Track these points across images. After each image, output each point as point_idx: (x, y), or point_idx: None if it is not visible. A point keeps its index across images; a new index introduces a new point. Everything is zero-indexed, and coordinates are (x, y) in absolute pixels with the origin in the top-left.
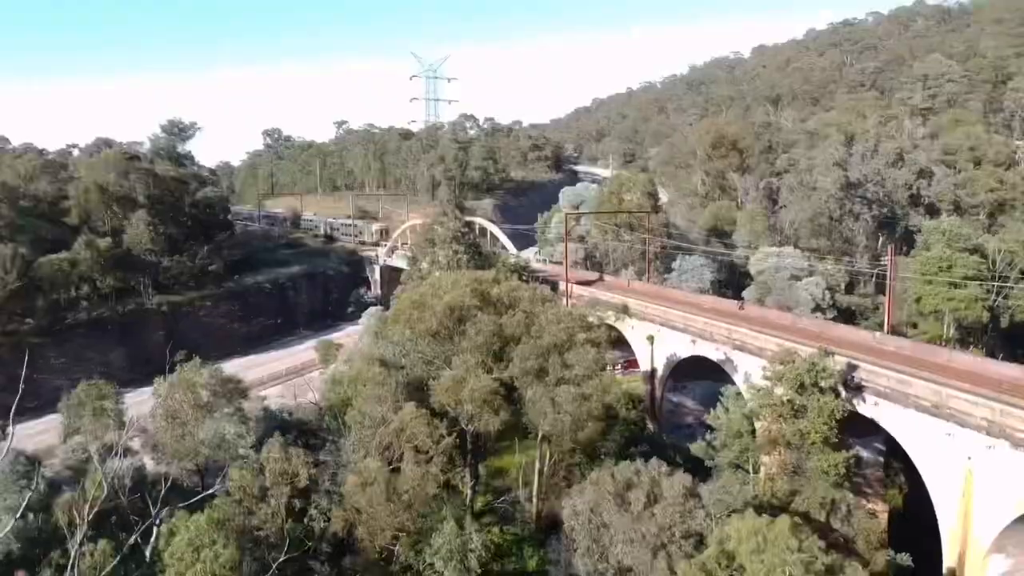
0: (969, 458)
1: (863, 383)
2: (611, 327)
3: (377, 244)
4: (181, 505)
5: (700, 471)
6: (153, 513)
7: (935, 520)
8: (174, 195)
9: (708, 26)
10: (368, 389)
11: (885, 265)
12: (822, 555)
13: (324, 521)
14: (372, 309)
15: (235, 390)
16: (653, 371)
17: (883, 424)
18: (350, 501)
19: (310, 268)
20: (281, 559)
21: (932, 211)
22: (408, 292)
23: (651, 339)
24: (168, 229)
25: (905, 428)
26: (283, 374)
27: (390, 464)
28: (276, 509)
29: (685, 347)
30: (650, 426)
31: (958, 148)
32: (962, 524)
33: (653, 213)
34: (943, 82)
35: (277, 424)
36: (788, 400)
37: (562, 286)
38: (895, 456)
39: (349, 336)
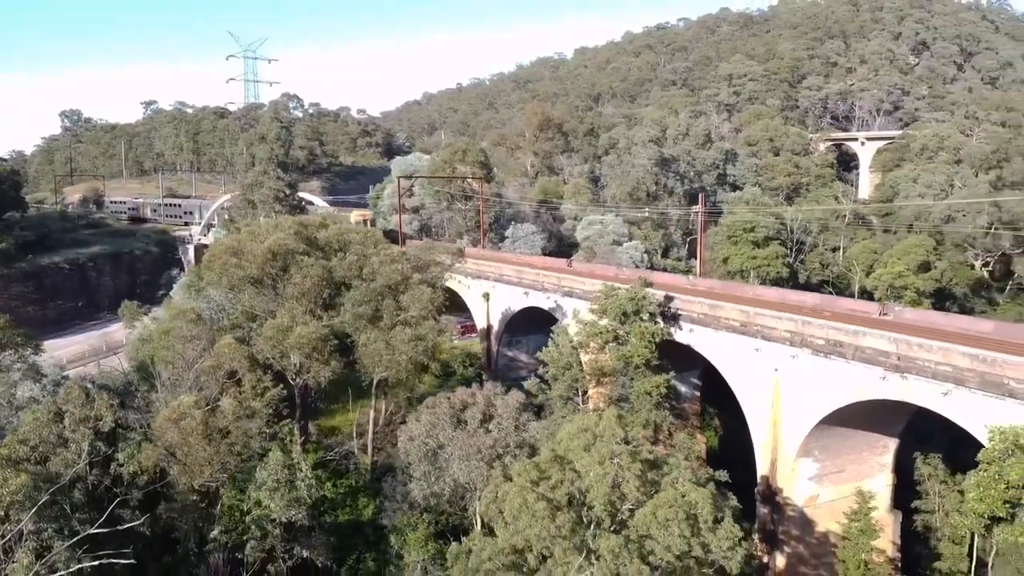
0: (776, 369)
1: (679, 312)
2: (448, 290)
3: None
4: None
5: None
6: None
7: (749, 456)
8: None
9: (533, 28)
10: (182, 329)
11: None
12: (648, 445)
13: (135, 467)
14: (184, 279)
15: (26, 342)
16: (489, 328)
17: (698, 348)
18: (162, 440)
19: (114, 248)
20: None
21: (737, 190)
22: (224, 240)
23: (487, 296)
24: None
25: (718, 349)
26: (87, 354)
27: (208, 403)
28: (77, 455)
29: (519, 300)
30: (486, 380)
31: (759, 139)
32: (772, 433)
33: (486, 182)
34: (746, 81)
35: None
36: (612, 329)
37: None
38: (710, 402)
39: None
